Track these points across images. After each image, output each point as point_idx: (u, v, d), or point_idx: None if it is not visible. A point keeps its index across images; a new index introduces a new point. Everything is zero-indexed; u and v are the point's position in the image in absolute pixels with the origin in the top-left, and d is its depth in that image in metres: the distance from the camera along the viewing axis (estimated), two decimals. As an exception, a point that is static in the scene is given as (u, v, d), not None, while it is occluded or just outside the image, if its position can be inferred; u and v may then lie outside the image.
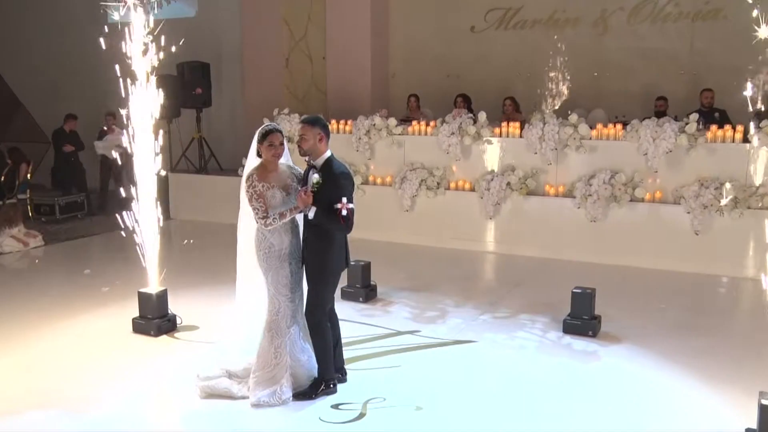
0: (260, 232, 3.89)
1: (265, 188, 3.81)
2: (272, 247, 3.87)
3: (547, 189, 7.65)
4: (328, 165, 3.84)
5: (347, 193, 3.78)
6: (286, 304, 3.93)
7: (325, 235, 3.84)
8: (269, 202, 3.82)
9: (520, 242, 7.68)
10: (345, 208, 3.72)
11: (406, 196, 8.20)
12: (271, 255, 3.88)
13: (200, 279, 6.54)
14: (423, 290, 6.34)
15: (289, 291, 3.93)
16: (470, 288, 6.51)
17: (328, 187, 3.76)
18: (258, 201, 3.79)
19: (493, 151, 7.95)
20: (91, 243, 8.69)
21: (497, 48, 9.82)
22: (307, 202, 3.74)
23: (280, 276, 3.90)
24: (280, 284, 3.91)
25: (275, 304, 3.93)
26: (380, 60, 10.53)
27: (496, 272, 7.40)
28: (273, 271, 3.89)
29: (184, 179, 10.19)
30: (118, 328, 5.25)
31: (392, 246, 8.17)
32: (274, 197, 3.83)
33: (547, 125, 7.49)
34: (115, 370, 4.50)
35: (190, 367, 4.42)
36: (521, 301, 6.00)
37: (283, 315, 3.94)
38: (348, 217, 3.74)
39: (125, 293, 6.02)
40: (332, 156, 3.91)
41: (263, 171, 3.85)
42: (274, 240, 3.88)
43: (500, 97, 9.08)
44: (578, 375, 4.45)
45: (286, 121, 9.16)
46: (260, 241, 3.89)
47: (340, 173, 3.81)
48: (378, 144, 8.61)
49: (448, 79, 10.15)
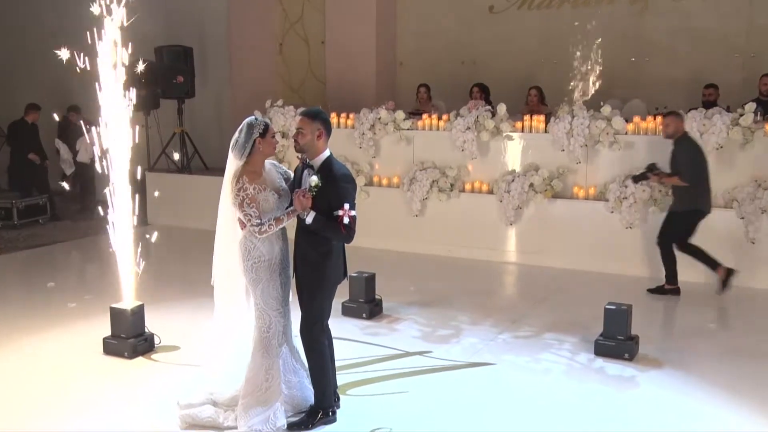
0: (248, 241, 3.87)
1: (257, 191, 3.80)
2: (262, 256, 3.86)
3: (576, 191, 7.63)
4: (328, 166, 3.84)
5: (350, 198, 3.77)
6: (277, 319, 3.93)
7: (322, 242, 3.84)
8: (262, 207, 3.80)
9: (544, 252, 7.66)
10: (347, 215, 3.72)
11: (415, 199, 8.19)
12: (261, 266, 3.87)
13: (181, 292, 6.53)
14: (434, 305, 6.33)
15: (279, 305, 3.93)
16: (488, 303, 6.49)
17: (328, 191, 3.75)
18: (250, 206, 3.77)
19: (514, 148, 7.93)
20: (56, 252, 8.70)
21: (519, 30, 9.82)
22: (306, 206, 3.72)
23: (271, 289, 3.90)
24: (270, 298, 3.90)
25: (265, 321, 3.92)
26: (386, 45, 10.53)
27: (517, 286, 7.38)
28: (263, 283, 3.88)
29: (163, 179, 10.20)
30: (86, 350, 5.23)
31: (399, 255, 8.16)
32: (267, 201, 3.82)
33: (576, 118, 7.47)
34: (83, 398, 4.47)
35: (169, 394, 4.40)
36: (546, 318, 5.97)
37: (274, 332, 3.93)
38: (350, 226, 3.74)
39: (95, 309, 6.01)
40: (332, 156, 3.91)
41: (252, 172, 3.84)
42: (264, 249, 3.86)
43: (522, 86, 9.07)
44: (612, 404, 4.41)
45: (279, 114, 9.17)
46: (248, 250, 3.87)
47: (341, 175, 3.81)
48: (384, 140, 8.61)
49: (463, 66, 10.14)
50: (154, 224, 9.86)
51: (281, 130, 9.09)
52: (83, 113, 10.39)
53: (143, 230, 9.47)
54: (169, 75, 10.23)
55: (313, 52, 10.75)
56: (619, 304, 5.11)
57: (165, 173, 10.38)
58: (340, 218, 3.71)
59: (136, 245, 5.23)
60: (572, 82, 9.61)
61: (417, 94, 9.51)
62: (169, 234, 9.57)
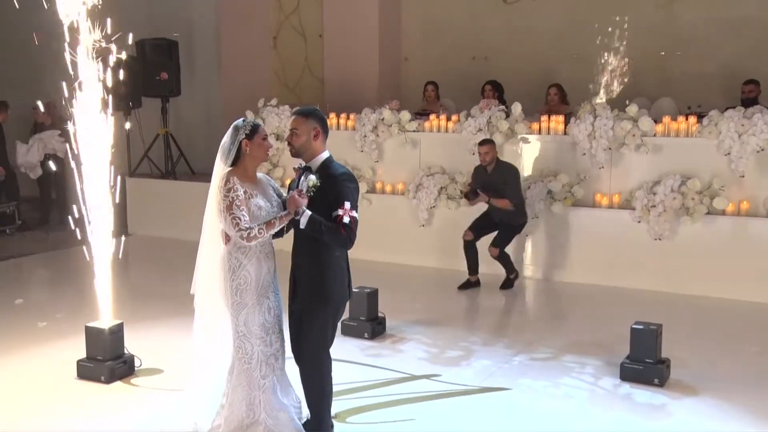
0: (233, 258, 3.80)
1: (249, 196, 3.76)
2: (248, 277, 3.79)
3: (599, 199, 7.61)
4: (327, 167, 3.82)
5: (351, 197, 3.74)
6: (261, 348, 3.86)
7: (325, 255, 3.79)
8: (252, 213, 3.75)
9: (563, 265, 7.64)
10: (348, 214, 3.67)
11: (421, 208, 8.18)
12: (247, 288, 3.79)
13: (165, 309, 6.50)
14: (443, 324, 6.30)
15: (264, 332, 3.87)
16: (502, 322, 6.45)
17: (327, 190, 3.72)
18: (240, 209, 3.70)
19: (530, 151, 7.92)
20: (25, 265, 8.68)
21: (536, 22, 9.83)
22: (300, 204, 3.67)
23: (256, 314, 3.83)
24: (254, 324, 3.83)
25: (247, 350, 3.85)
26: (390, 39, 10.55)
27: (534, 303, 7.35)
28: (249, 308, 3.82)
29: (145, 185, 10.21)
30: (58, 374, 5.19)
31: (404, 269, 8.14)
32: (259, 208, 3.77)
33: (599, 119, 7.45)
34: (54, 429, 4.42)
35: (151, 423, 4.36)
36: (566, 339, 5.95)
37: (257, 362, 3.86)
38: (350, 227, 3.69)
39: (68, 329, 5.97)
40: (331, 158, 3.90)
41: (243, 176, 3.81)
42: (251, 267, 3.80)
43: (539, 84, 9.08)
44: (641, 434, 4.36)
45: (273, 114, 9.19)
46: (232, 269, 3.79)
47: (342, 173, 3.80)
48: (387, 143, 8.60)
49: (474, 62, 10.15)
50: (135, 234, 9.85)
51: (275, 131, 9.09)
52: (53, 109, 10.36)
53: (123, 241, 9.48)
54: (152, 71, 10.25)
55: (311, 46, 10.77)
56: (647, 324, 5.07)
57: (147, 179, 10.39)
58: (339, 218, 3.66)
59: (115, 258, 5.19)
60: (595, 79, 9.59)
61: (424, 92, 9.52)
62: (152, 245, 9.56)
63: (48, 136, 10.34)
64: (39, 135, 10.38)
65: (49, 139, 10.33)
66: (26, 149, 10.41)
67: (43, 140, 10.37)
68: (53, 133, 10.31)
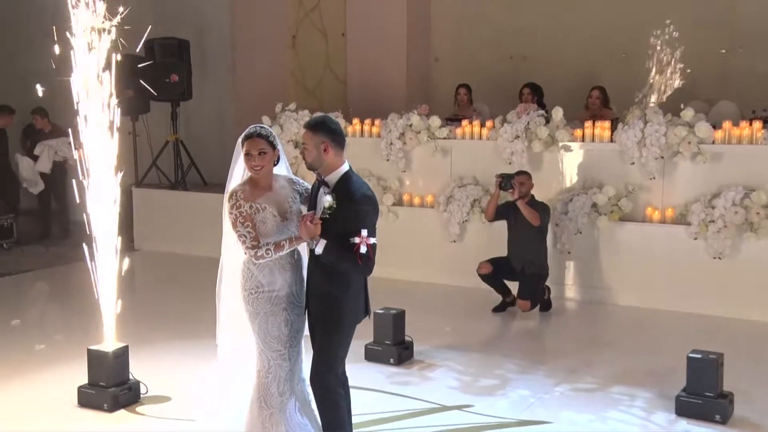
0: (247, 266, 3.93)
1: (254, 210, 3.83)
2: (260, 287, 3.88)
3: (650, 213, 7.55)
4: (345, 184, 3.83)
5: (369, 223, 3.75)
6: (278, 362, 3.91)
7: (338, 274, 3.82)
8: (259, 229, 3.83)
9: (610, 286, 7.58)
10: (365, 243, 3.69)
11: (453, 222, 8.16)
12: (259, 297, 3.88)
13: (174, 332, 6.54)
14: (476, 350, 6.28)
15: (281, 345, 3.92)
16: (541, 348, 6.41)
17: (344, 214, 3.74)
18: (245, 226, 3.80)
19: (572, 160, 7.89)
20: (22, 283, 8.76)
21: (580, 18, 9.80)
22: (314, 233, 3.71)
23: (270, 325, 3.89)
24: (269, 335, 3.89)
25: (263, 363, 3.93)
26: (420, 37, 10.58)
27: (577, 326, 7.29)
28: (261, 317, 3.89)
29: (153, 197, 10.30)
30: (57, 401, 5.21)
31: (434, 288, 8.12)
32: (265, 223, 3.84)
33: (650, 125, 7.39)
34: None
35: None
36: (613, 367, 5.88)
37: (274, 377, 3.92)
38: (368, 256, 3.71)
39: (68, 352, 6.00)
40: (351, 171, 3.90)
41: (252, 188, 3.87)
42: (262, 278, 3.88)
43: (583, 86, 9.04)
44: (699, 476, 4.30)
45: (291, 119, 9.23)
46: (246, 277, 3.93)
47: (361, 196, 3.79)
48: (416, 151, 8.60)
49: (511, 62, 10.15)
50: (141, 250, 9.92)
51: (293, 139, 9.13)
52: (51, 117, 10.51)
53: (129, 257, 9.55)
54: (162, 73, 10.34)
55: (332, 45, 10.83)
56: (705, 353, 4.98)
57: (155, 189, 10.47)
58: (356, 247, 3.68)
59: (120, 275, 5.23)
60: (645, 80, 9.52)
61: (456, 96, 9.53)
62: (160, 261, 9.62)
63: (59, 143, 10.45)
64: (47, 142, 10.49)
65: (60, 145, 10.45)
66: (27, 162, 10.50)
67: (53, 147, 10.49)
68: (63, 139, 10.42)
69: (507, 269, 7.21)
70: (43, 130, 10.65)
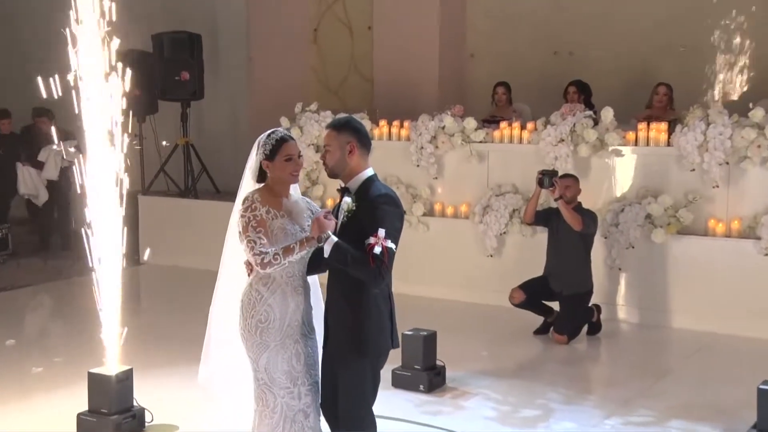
0: (253, 289, 3.83)
1: (271, 216, 3.79)
2: (270, 314, 3.79)
3: (712, 225, 7.50)
4: (367, 188, 3.82)
5: (388, 224, 3.69)
6: (285, 401, 3.84)
7: (361, 294, 3.77)
8: (274, 237, 3.77)
9: (666, 307, 7.52)
10: (380, 243, 3.63)
11: (490, 234, 8.14)
12: (269, 328, 3.79)
13: (182, 354, 6.50)
14: (515, 376, 6.27)
15: (290, 382, 3.85)
16: (589, 375, 6.39)
17: (362, 215, 3.72)
18: (257, 230, 3.73)
19: (624, 166, 7.85)
20: (18, 299, 8.83)
21: (632, 7, 9.75)
22: (324, 228, 3.66)
23: (279, 360, 3.82)
24: (277, 371, 3.82)
25: (268, 402, 3.83)
26: (453, 31, 10.58)
27: (630, 352, 7.24)
28: (269, 351, 3.81)
29: (161, 205, 10.37)
30: (55, 430, 5.23)
31: (469, 308, 8.11)
32: (284, 230, 3.80)
33: (713, 127, 7.35)
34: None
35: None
36: (672, 399, 5.84)
37: (280, 418, 3.83)
38: (381, 259, 3.62)
39: (67, 375, 6.03)
40: (375, 177, 3.89)
41: (269, 195, 3.85)
42: (274, 302, 3.80)
43: (636, 84, 9.00)
44: None
45: (312, 121, 9.26)
46: (252, 303, 3.82)
47: (381, 195, 3.76)
48: (449, 156, 8.61)
49: (555, 58, 10.12)
50: (148, 263, 9.99)
51: (314, 142, 9.15)
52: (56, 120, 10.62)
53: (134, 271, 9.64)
54: (171, 70, 10.45)
55: (358, 40, 10.86)
56: (778, 383, 4.93)
57: (163, 197, 10.56)
58: (369, 246, 3.61)
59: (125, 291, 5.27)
60: (707, 78, 9.44)
61: (493, 95, 9.52)
62: (168, 276, 9.68)
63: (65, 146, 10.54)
64: (52, 147, 10.58)
65: (66, 150, 10.54)
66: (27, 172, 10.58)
67: (60, 152, 10.56)
68: (70, 143, 10.52)
69: (544, 291, 7.16)
70: (48, 134, 10.70)
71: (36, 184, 10.69)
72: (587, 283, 7.12)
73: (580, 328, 7.11)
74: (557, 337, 7.01)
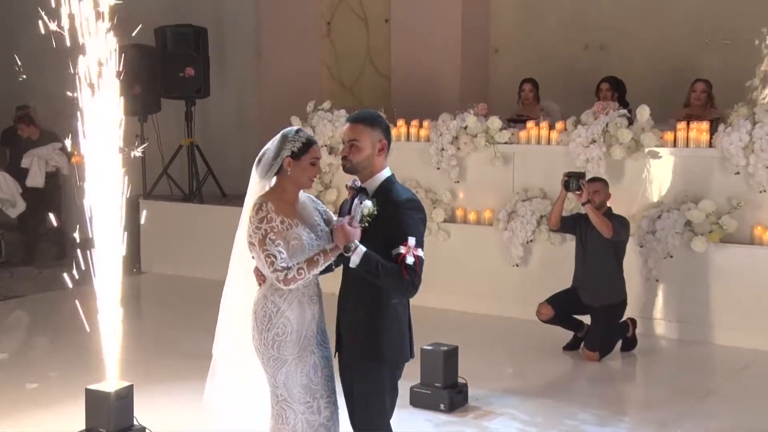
0: (268, 301, 3.84)
1: (287, 226, 3.79)
2: (288, 326, 3.81)
3: (759, 233, 7.46)
4: (386, 190, 3.83)
5: (415, 231, 3.73)
6: (306, 417, 3.86)
7: (379, 301, 3.79)
8: (290, 248, 3.78)
9: (708, 321, 7.48)
10: (412, 253, 3.65)
11: (515, 242, 8.13)
12: (286, 340, 3.82)
13: (185, 369, 6.53)
14: (543, 395, 6.26)
15: (309, 396, 3.88)
16: (623, 395, 6.37)
17: (386, 220, 3.72)
18: (275, 244, 3.74)
19: (661, 169, 7.82)
20: (10, 310, 8.87)
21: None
22: (351, 238, 3.65)
23: (298, 374, 3.85)
24: (295, 386, 3.85)
25: (288, 418, 3.85)
26: (477, 24, 10.59)
27: (668, 370, 7.20)
28: (287, 366, 3.83)
29: (164, 210, 10.39)
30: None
31: (493, 321, 8.10)
32: (300, 239, 3.80)
33: (760, 126, 7.33)
34: None
35: None
36: (714, 422, 5.81)
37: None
38: (414, 269, 3.67)
39: (63, 392, 6.04)
40: (393, 177, 3.90)
41: (280, 200, 3.84)
42: (292, 314, 3.82)
43: (673, 80, 8.97)
44: None
45: (325, 121, 9.27)
46: (269, 316, 3.84)
47: (405, 200, 3.79)
48: (471, 158, 8.61)
49: (586, 52, 10.12)
50: (149, 272, 10.01)
51: (328, 143, 9.15)
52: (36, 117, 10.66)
53: (135, 280, 9.67)
54: (174, 66, 10.47)
55: (374, 34, 10.87)
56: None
57: (166, 201, 10.59)
58: (401, 257, 3.65)
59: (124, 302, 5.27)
60: (754, 73, 9.36)
61: (519, 93, 9.51)
62: (170, 286, 9.69)
63: (48, 152, 10.59)
64: (35, 151, 10.61)
65: (50, 154, 10.58)
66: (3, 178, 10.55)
67: (43, 157, 10.61)
68: (54, 146, 10.57)
69: (573, 304, 7.10)
70: (30, 138, 10.73)
71: (13, 191, 10.62)
72: (620, 294, 7.05)
73: (613, 344, 7.04)
74: (588, 353, 6.96)
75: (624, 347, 7.16)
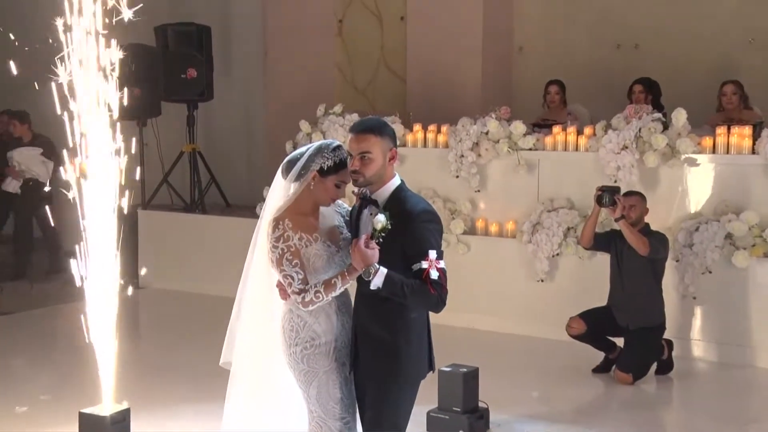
0: (295, 315, 3.92)
1: (305, 243, 3.85)
2: (317, 338, 3.90)
3: (806, 248, 7.43)
4: (398, 199, 3.85)
5: (434, 243, 3.76)
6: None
7: (396, 317, 3.83)
8: (311, 265, 3.85)
9: (751, 343, 7.45)
10: (434, 266, 3.69)
11: (540, 256, 8.13)
12: (316, 353, 3.90)
13: (185, 391, 6.59)
14: (571, 421, 6.24)
15: (344, 410, 3.95)
16: (659, 422, 6.35)
17: (401, 233, 3.75)
18: (293, 264, 3.81)
19: (699, 177, 7.81)
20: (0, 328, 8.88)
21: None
22: (371, 260, 3.67)
23: (331, 386, 3.92)
24: (330, 400, 3.92)
25: None
26: (499, 22, 10.60)
27: (707, 396, 7.16)
28: (320, 377, 3.91)
29: (164, 221, 10.44)
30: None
31: (516, 341, 8.10)
32: (319, 257, 3.87)
33: (806, 130, 7.34)
34: None
35: None
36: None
37: None
38: (440, 283, 3.72)
39: (56, 415, 6.06)
40: (403, 185, 3.93)
41: (299, 214, 3.89)
42: (319, 327, 3.90)
43: (714, 83, 8.93)
44: None
45: (336, 125, 9.29)
46: (296, 330, 3.92)
47: (421, 211, 3.81)
48: (493, 165, 8.62)
49: (618, 52, 10.12)
50: (148, 287, 10.04)
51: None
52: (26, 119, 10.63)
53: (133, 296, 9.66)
54: (176, 67, 10.51)
55: (389, 33, 10.90)
56: None
57: (166, 212, 10.63)
58: (425, 272, 3.68)
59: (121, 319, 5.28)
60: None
61: (545, 95, 9.53)
62: (169, 302, 9.71)
63: (27, 156, 10.45)
64: (12, 153, 10.48)
65: (29, 159, 10.42)
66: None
67: (22, 163, 10.50)
68: (33, 151, 10.44)
69: (607, 324, 7.06)
70: (21, 139, 10.66)
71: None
72: (658, 317, 7.01)
73: (648, 366, 7.01)
74: (621, 375, 6.93)
75: (659, 370, 7.13)
